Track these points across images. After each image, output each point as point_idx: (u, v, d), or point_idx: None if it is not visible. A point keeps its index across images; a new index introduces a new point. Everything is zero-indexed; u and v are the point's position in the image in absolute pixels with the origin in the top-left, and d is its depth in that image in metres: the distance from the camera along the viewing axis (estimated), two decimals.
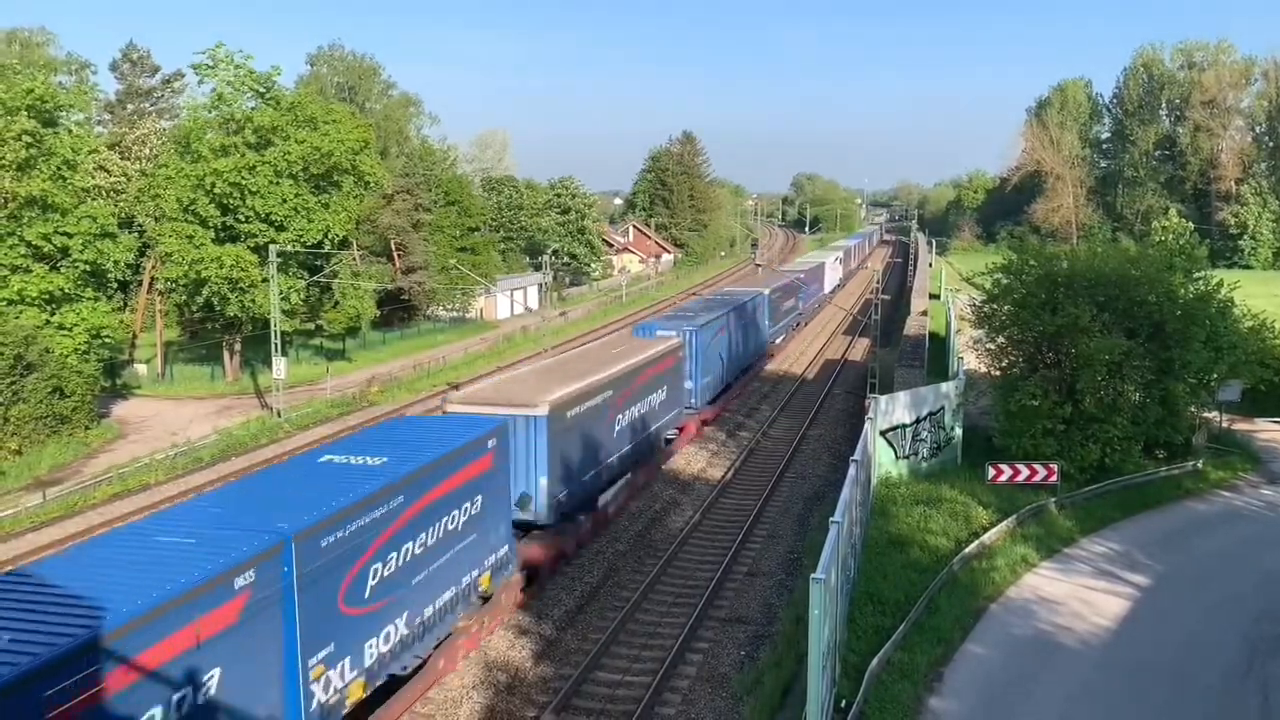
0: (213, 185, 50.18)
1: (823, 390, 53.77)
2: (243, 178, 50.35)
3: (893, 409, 31.46)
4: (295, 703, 15.44)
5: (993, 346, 33.71)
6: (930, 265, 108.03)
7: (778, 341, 65.12)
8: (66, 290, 43.91)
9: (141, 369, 57.37)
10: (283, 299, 49.88)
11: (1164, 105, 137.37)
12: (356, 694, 17.10)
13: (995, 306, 33.54)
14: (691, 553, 28.99)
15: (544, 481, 25.48)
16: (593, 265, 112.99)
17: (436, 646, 20.03)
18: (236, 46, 56.03)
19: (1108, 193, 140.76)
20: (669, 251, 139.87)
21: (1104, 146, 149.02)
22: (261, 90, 53.68)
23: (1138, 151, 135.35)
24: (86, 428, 42.50)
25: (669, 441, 37.92)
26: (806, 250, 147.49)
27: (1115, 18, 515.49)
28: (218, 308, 52.91)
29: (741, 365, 50.74)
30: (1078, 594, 23.25)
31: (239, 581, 13.94)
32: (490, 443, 21.85)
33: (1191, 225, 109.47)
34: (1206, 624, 21.78)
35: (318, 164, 52.93)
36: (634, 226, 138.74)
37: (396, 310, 74.73)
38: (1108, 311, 30.60)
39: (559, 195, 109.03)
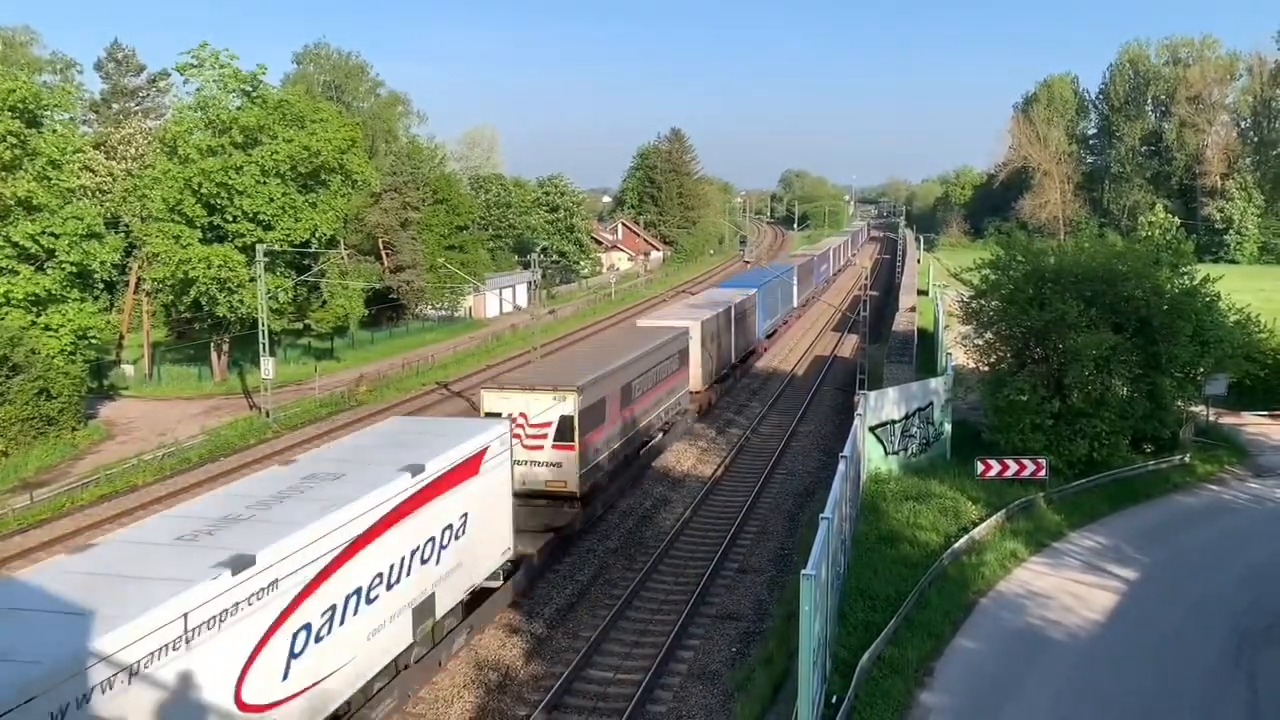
0: (199, 185, 49.96)
1: (812, 386, 53.84)
2: (229, 177, 50.13)
3: (882, 405, 31.49)
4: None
5: (981, 342, 33.79)
6: (918, 261, 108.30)
7: None
8: (52, 291, 43.68)
9: (129, 369, 57.13)
10: (270, 298, 49.70)
11: (1150, 101, 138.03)
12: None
13: (983, 302, 33.62)
14: (682, 550, 29.02)
15: (695, 365, 45.20)
16: (582, 263, 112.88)
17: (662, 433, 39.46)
18: (223, 45, 55.50)
19: (1094, 188, 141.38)
20: (658, 249, 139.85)
21: (1091, 142, 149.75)
22: (248, 89, 53.46)
23: (1124, 147, 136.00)
24: (73, 429, 42.29)
25: (754, 353, 61.40)
26: (796, 246, 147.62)
27: (1101, 14, 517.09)
28: (205, 308, 52.71)
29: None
30: (1067, 588, 23.33)
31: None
32: (682, 338, 43.06)
33: (1178, 220, 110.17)
34: (1194, 616, 21.88)
35: (305, 163, 52.72)
36: (623, 224, 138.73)
37: (385, 309, 74.55)
38: (1095, 306, 30.69)
39: (548, 193, 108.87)
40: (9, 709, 10.78)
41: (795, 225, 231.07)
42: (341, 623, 17.14)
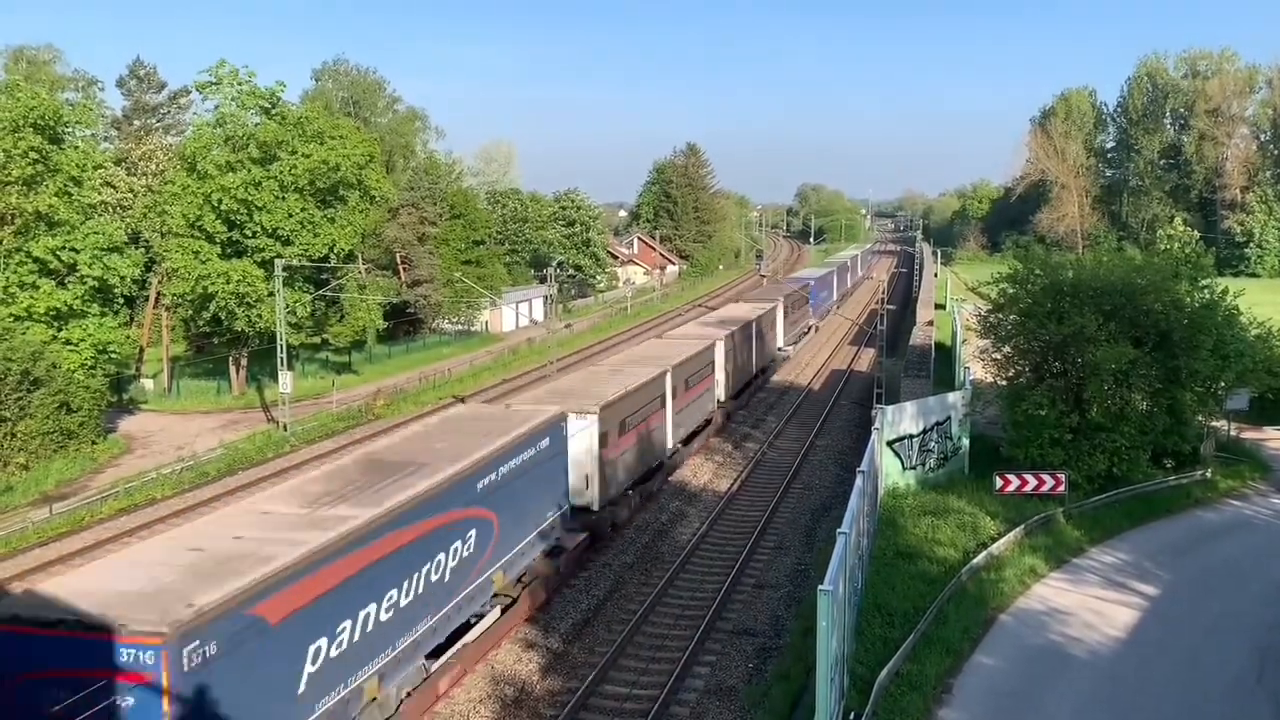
0: (219, 201, 50.34)
1: (829, 401, 53.68)
2: (249, 193, 50.48)
3: (899, 419, 31.37)
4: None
5: (999, 356, 33.64)
6: (936, 275, 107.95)
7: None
8: (73, 306, 44.01)
9: (148, 384, 57.47)
10: (289, 313, 49.94)
11: (1168, 114, 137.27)
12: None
13: (1001, 316, 33.50)
14: (699, 564, 28.91)
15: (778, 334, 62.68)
16: (598, 277, 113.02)
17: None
18: (244, 63, 56.02)
19: (1113, 201, 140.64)
20: (674, 263, 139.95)
21: (1109, 155, 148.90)
22: (266, 106, 53.88)
23: (1142, 160, 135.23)
24: (93, 442, 42.52)
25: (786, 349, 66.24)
26: (810, 260, 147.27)
27: (1119, 27, 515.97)
28: (224, 322, 53.01)
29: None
30: (1087, 604, 23.13)
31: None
32: (771, 308, 61.01)
33: (1197, 233, 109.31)
34: (1217, 634, 21.65)
35: (324, 178, 53.06)
36: (639, 238, 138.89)
37: (402, 323, 74.84)
38: (1114, 320, 30.51)
39: (564, 208, 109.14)
40: None
41: (812, 239, 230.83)
42: None
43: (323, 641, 15.73)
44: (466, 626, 21.54)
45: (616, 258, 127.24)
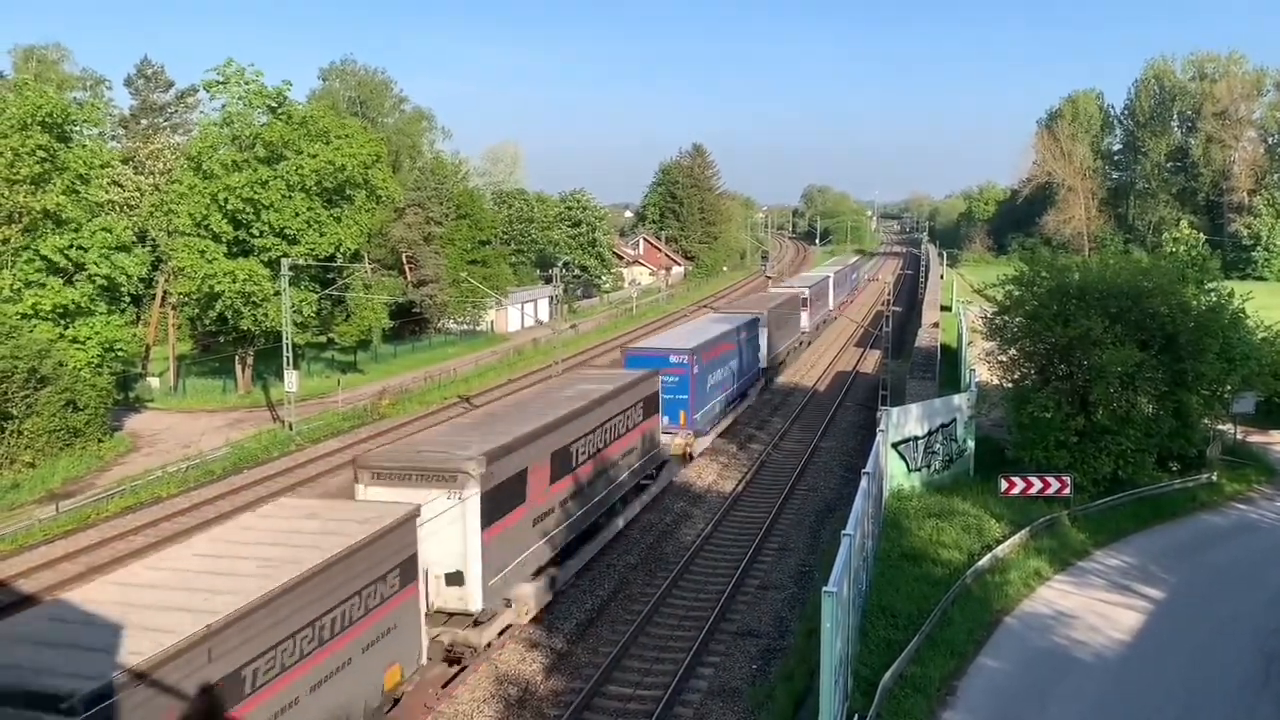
0: (226, 200, 50.44)
1: (834, 402, 53.65)
2: (256, 192, 50.59)
3: (904, 421, 31.32)
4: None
5: (1005, 358, 33.60)
6: (941, 277, 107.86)
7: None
8: (80, 304, 44.15)
9: (154, 382, 57.59)
10: (295, 312, 50.03)
11: (1175, 116, 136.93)
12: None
13: (1007, 318, 33.46)
14: (703, 565, 28.92)
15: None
16: (603, 278, 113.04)
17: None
18: (249, 61, 56.19)
19: (1119, 204, 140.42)
20: (679, 264, 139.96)
21: (1115, 158, 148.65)
22: (273, 105, 53.99)
23: (1149, 163, 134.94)
24: (99, 440, 42.64)
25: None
26: (816, 263, 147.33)
27: (1126, 29, 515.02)
28: (230, 321, 53.13)
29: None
30: (1092, 607, 23.11)
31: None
32: (804, 294, 73.39)
33: (1203, 236, 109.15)
34: (1222, 637, 21.62)
35: (330, 178, 53.15)
36: (644, 239, 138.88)
37: (408, 323, 74.93)
38: (1120, 323, 30.47)
39: (570, 208, 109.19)
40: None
41: (817, 241, 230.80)
42: None
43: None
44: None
45: (622, 258, 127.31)
